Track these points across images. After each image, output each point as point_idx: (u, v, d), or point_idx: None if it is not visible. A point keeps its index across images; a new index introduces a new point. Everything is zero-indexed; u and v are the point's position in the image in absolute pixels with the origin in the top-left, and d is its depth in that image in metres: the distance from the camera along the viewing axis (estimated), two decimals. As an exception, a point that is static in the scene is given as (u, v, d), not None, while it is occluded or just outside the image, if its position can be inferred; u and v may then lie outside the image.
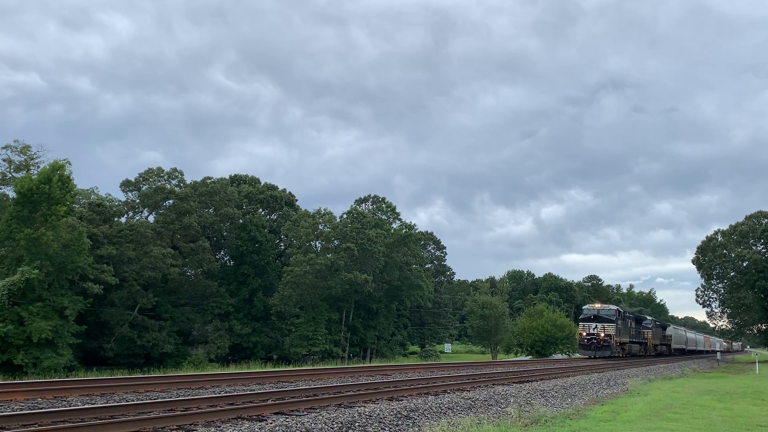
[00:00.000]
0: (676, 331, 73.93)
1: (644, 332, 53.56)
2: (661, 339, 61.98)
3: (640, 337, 51.25)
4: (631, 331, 46.90)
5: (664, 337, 63.60)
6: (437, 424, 9.06)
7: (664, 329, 65.00)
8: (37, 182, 39.81)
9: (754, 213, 63.30)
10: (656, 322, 63.06)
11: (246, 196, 65.17)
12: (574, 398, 14.58)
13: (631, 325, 47.96)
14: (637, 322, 51.18)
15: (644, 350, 52.85)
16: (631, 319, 48.45)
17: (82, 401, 10.60)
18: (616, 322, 41.67)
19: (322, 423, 8.71)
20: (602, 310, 42.74)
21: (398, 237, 63.07)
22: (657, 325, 61.74)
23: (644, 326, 54.55)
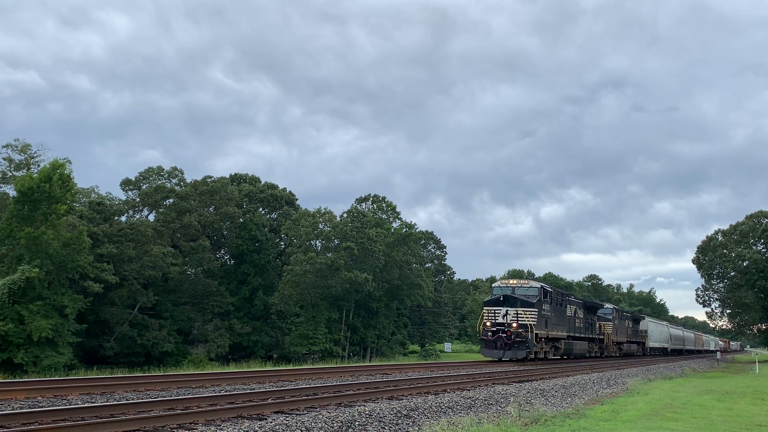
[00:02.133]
0: (656, 326, 62.29)
1: (600, 325, 41.83)
2: (631, 335, 51.02)
3: (591, 332, 39.22)
4: (573, 323, 35.16)
5: (636, 332, 53.14)
6: (437, 423, 9.07)
7: (636, 322, 54.08)
8: (38, 181, 39.82)
9: (755, 213, 63.32)
10: (623, 312, 50.72)
11: (246, 195, 65.19)
12: (574, 397, 14.59)
13: (576, 314, 35.95)
14: (588, 311, 39.22)
15: (599, 350, 41.13)
16: (576, 305, 36.58)
17: (82, 400, 10.61)
18: (538, 306, 28.61)
19: (322, 422, 8.72)
20: (519, 288, 29.55)
21: (398, 236, 63.06)
22: (624, 317, 49.72)
23: (601, 317, 42.47)
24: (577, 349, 36.08)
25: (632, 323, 52.62)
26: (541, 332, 28.99)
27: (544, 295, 30.09)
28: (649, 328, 58.14)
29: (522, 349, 27.57)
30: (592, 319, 40.03)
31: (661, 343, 62.79)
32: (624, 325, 48.75)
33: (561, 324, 32.67)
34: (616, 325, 45.54)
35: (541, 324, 29.04)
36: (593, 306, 41.87)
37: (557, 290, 34.32)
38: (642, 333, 55.37)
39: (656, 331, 61.17)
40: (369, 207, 70.15)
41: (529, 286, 29.95)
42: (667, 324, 72.61)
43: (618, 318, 46.49)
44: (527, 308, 28.19)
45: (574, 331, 35.23)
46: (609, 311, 44.75)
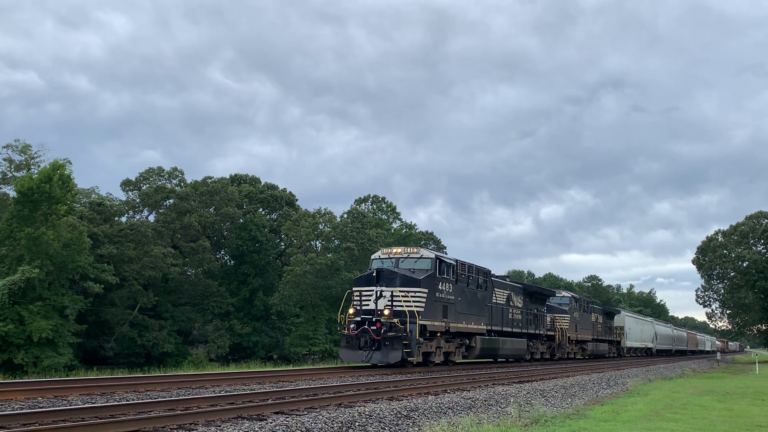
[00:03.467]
0: (635, 322, 53.86)
1: (553, 319, 33.05)
2: (602, 332, 42.62)
3: (537, 326, 30.51)
4: (503, 313, 26.59)
5: (608, 329, 45.00)
6: (437, 423, 9.07)
7: (608, 317, 45.89)
8: (38, 181, 39.83)
9: (755, 213, 63.29)
10: (589, 304, 41.67)
11: (246, 195, 65.22)
12: (574, 398, 14.59)
13: (509, 302, 27.63)
14: (531, 299, 30.59)
15: (548, 349, 32.76)
16: (508, 290, 27.96)
17: (82, 401, 10.61)
18: (429, 285, 20.53)
19: (322, 422, 8.72)
20: (404, 259, 21.36)
21: (399, 237, 63.09)
22: (590, 309, 40.42)
23: (554, 308, 33.91)
24: (509, 348, 26.87)
25: (603, 318, 44.14)
26: (433, 323, 20.54)
27: (442, 270, 21.32)
28: (627, 324, 50.06)
29: (396, 348, 18.97)
30: (538, 310, 31.27)
31: (644, 343, 55.45)
32: (589, 319, 39.59)
33: (477, 314, 23.99)
34: (577, 319, 36.35)
35: (433, 311, 20.58)
36: (539, 293, 32.52)
37: (470, 266, 24.25)
38: (617, 330, 47.72)
39: (636, 329, 53.41)
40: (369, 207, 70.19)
41: (419, 257, 21.15)
42: (652, 320, 64.90)
43: (579, 310, 37.34)
44: (409, 288, 19.64)
45: (503, 324, 26.36)
46: (566, 300, 35.67)
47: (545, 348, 32.63)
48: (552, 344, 33.19)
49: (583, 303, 39.59)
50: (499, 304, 26.85)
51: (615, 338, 47.45)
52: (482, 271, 25.65)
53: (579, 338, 37.30)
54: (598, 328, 42.39)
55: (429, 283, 20.66)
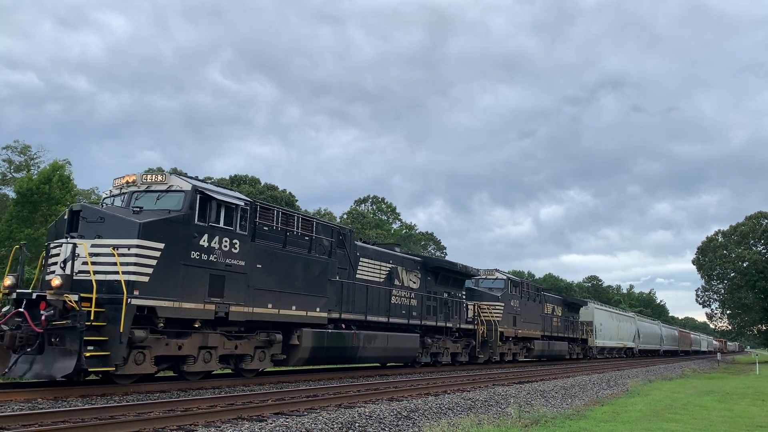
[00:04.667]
0: (608, 316, 45.61)
1: (475, 308, 25.78)
2: (561, 327, 35.48)
3: (447, 316, 23.11)
4: (389, 298, 19.86)
5: (571, 324, 37.59)
6: (437, 424, 9.06)
7: (571, 309, 38.46)
8: (37, 182, 39.82)
9: (755, 213, 63.29)
10: (538, 289, 33.54)
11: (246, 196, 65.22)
12: (574, 399, 14.58)
13: (398, 281, 20.58)
14: (437, 278, 23.02)
15: (466, 348, 24.99)
16: (404, 264, 21.27)
17: (82, 401, 10.60)
18: (171, 234, 12.15)
19: (322, 423, 8.71)
20: (146, 189, 12.98)
21: (399, 237, 63.11)
22: (540, 298, 32.90)
23: (480, 293, 26.97)
24: (393, 347, 19.28)
25: (563, 310, 36.81)
26: (155, 303, 11.81)
27: (204, 208, 13.03)
28: (597, 319, 42.13)
29: (66, 358, 10.49)
30: (451, 295, 23.52)
31: (621, 342, 47.66)
32: (538, 310, 32.10)
33: (299, 292, 15.50)
34: (516, 310, 28.77)
35: (174, 281, 12.18)
36: (450, 270, 23.88)
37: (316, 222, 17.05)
38: (584, 326, 40.14)
39: (611, 325, 45.28)
40: (369, 208, 70.23)
41: (167, 187, 13.01)
42: (634, 315, 57.65)
43: (521, 298, 29.59)
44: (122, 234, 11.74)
45: (381, 313, 18.97)
46: (499, 284, 27.88)
47: (460, 347, 24.61)
48: (471, 342, 25.20)
49: (528, 289, 31.62)
50: (368, 281, 18.81)
51: (581, 335, 39.44)
52: (334, 229, 17.87)
53: (521, 334, 29.26)
54: (555, 322, 34.70)
55: (170, 231, 12.15)
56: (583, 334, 40.46)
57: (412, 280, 21.81)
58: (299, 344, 15.73)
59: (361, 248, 19.55)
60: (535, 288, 33.23)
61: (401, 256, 21.96)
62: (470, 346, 25.53)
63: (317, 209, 63.14)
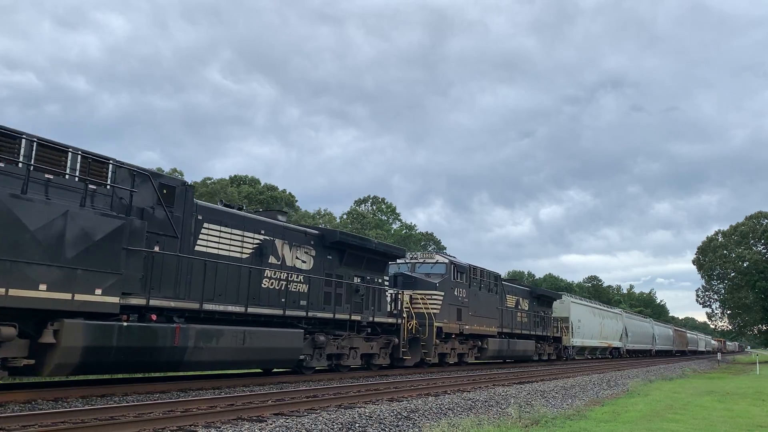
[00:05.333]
0: (588, 312, 40.13)
1: (398, 296, 20.81)
2: (527, 323, 30.86)
3: (359, 306, 18.53)
4: (268, 281, 15.27)
5: (540, 320, 32.84)
6: (437, 424, 9.06)
7: (541, 303, 33.82)
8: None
9: (755, 213, 63.35)
10: (496, 277, 28.21)
11: (246, 196, 65.24)
12: (575, 399, 14.58)
13: (295, 259, 16.42)
14: (354, 261, 18.59)
15: (386, 346, 20.03)
16: (298, 241, 16.75)
17: (81, 402, 10.60)
18: None
19: (323, 424, 8.71)
20: None
21: (398, 237, 63.12)
22: (498, 288, 28.04)
23: (413, 279, 22.54)
24: (256, 347, 14.20)
25: (531, 304, 32.02)
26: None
27: None
28: (574, 314, 36.86)
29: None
30: (366, 280, 18.72)
31: (605, 341, 42.73)
32: (493, 302, 26.96)
33: (90, 265, 10.46)
34: (462, 301, 23.80)
35: None
36: (364, 250, 18.78)
37: None
38: (557, 323, 35.16)
39: (591, 322, 39.92)
40: (368, 208, 70.26)
41: None
42: (621, 312, 52.58)
43: (469, 286, 24.49)
44: None
45: (238, 301, 14.23)
46: (439, 269, 23.03)
47: (376, 346, 19.27)
48: (393, 340, 19.97)
49: (482, 277, 26.12)
50: (215, 255, 13.86)
51: (552, 333, 34.55)
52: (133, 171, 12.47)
53: (469, 331, 24.39)
54: (521, 317, 30.25)
55: None
56: (557, 332, 35.44)
57: (300, 258, 16.52)
58: (57, 343, 10.17)
59: (209, 210, 14.15)
60: (493, 277, 27.94)
61: (282, 225, 16.37)
62: (391, 346, 20.23)
63: (317, 209, 63.22)
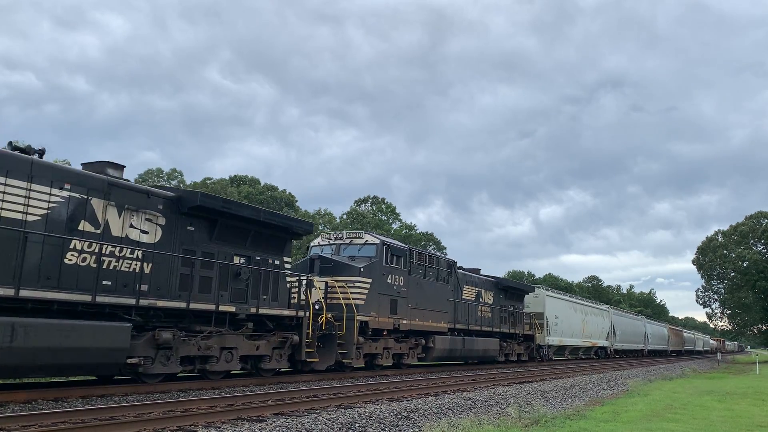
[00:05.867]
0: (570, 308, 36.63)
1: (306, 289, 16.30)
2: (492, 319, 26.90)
3: (240, 297, 14.34)
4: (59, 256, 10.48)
5: (509, 316, 28.86)
6: (437, 424, 9.06)
7: (511, 297, 29.67)
8: (37, 183, 39.90)
9: (755, 213, 63.36)
10: (450, 264, 24.18)
11: (246, 196, 65.26)
12: (575, 399, 14.58)
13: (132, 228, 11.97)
14: (208, 227, 13.57)
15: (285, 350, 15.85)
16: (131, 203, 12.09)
17: (81, 402, 10.61)
18: None
19: (323, 424, 8.71)
20: None
21: (398, 237, 63.11)
22: (452, 276, 23.88)
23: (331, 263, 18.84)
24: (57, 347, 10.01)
25: (495, 296, 27.82)
26: None
27: None
28: (550, 309, 33.03)
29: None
30: (260, 262, 15.15)
31: (588, 340, 38.86)
32: (443, 294, 22.74)
33: None
34: (398, 290, 19.92)
35: None
36: (248, 221, 14.57)
37: None
38: (531, 319, 31.26)
39: (572, 319, 36.00)
40: (368, 208, 70.24)
41: None
42: (608, 309, 48.03)
43: (407, 273, 20.53)
44: None
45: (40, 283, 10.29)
46: (368, 252, 19.33)
47: (265, 346, 15.21)
48: (289, 338, 15.75)
49: (427, 263, 22.00)
50: None
51: (523, 331, 30.08)
52: None
53: (408, 326, 20.17)
54: (483, 312, 25.96)
55: None
56: (529, 329, 31.21)
57: (137, 226, 12.44)
58: None
59: None
60: (446, 264, 23.60)
61: (106, 180, 12.04)
62: (288, 345, 15.76)
63: (317, 209, 63.25)
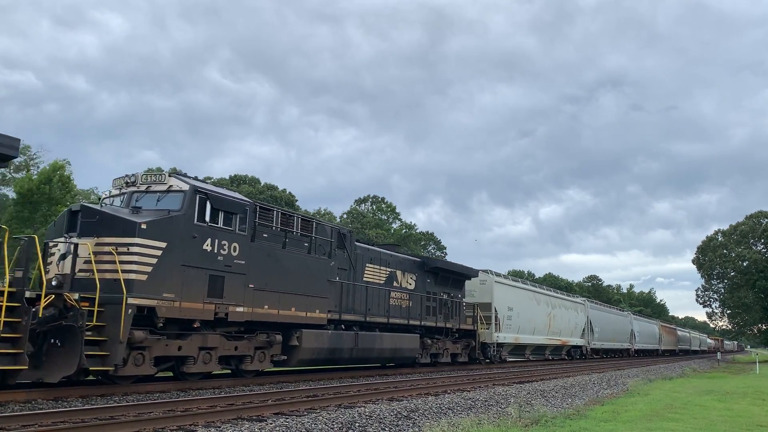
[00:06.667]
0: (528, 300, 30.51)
1: None
2: (406, 309, 20.68)
3: None
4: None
5: (438, 306, 22.62)
6: (437, 424, 9.06)
7: (442, 282, 23.38)
8: (38, 183, 39.83)
9: (755, 213, 63.37)
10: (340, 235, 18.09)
11: (246, 196, 65.30)
12: (575, 398, 14.59)
13: None
14: None
15: None
16: None
17: (81, 402, 10.60)
18: None
19: (323, 423, 8.71)
20: None
21: (398, 237, 63.10)
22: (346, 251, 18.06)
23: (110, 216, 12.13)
24: None
25: (420, 280, 21.85)
26: None
27: None
28: (500, 300, 27.11)
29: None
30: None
31: (557, 338, 32.96)
32: (320, 269, 16.79)
33: None
34: (226, 260, 13.70)
35: None
36: None
37: None
38: (473, 311, 25.40)
39: (532, 312, 30.09)
40: (368, 208, 70.26)
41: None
42: (584, 302, 41.02)
43: (242, 236, 14.67)
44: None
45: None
46: (173, 202, 13.03)
47: None
48: None
49: (297, 229, 16.84)
50: None
51: (459, 325, 23.81)
52: None
53: (246, 316, 14.38)
54: (396, 299, 20.27)
55: None
56: (466, 322, 24.76)
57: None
58: None
59: None
60: (332, 233, 17.62)
61: None
62: None
63: (317, 209, 63.22)
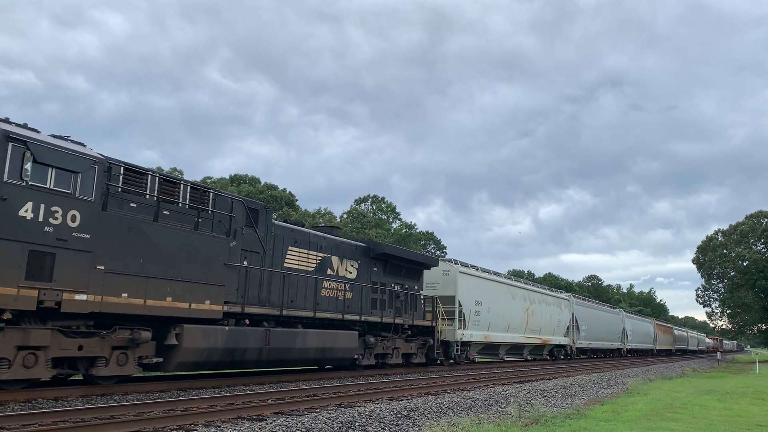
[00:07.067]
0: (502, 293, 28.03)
1: None
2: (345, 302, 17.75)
3: None
4: None
5: (387, 298, 19.92)
6: (437, 423, 9.07)
7: (394, 271, 20.40)
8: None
9: (755, 213, 63.39)
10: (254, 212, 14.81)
11: (246, 195, 65.24)
12: (575, 398, 14.59)
13: None
14: None
15: None
16: None
17: (81, 401, 10.60)
18: None
19: (323, 423, 8.71)
20: None
21: (398, 237, 63.10)
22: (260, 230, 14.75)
23: None
24: None
25: (362, 267, 19.13)
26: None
27: None
28: (466, 293, 24.51)
29: None
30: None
31: (535, 336, 30.89)
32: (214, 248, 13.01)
33: None
34: (65, 231, 10.04)
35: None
36: None
37: None
38: (432, 305, 22.69)
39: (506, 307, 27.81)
40: (368, 207, 70.26)
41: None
42: (569, 297, 38.31)
43: (75, 200, 10.30)
44: None
45: None
46: None
47: None
48: None
49: (184, 196, 13.11)
50: None
51: (413, 321, 21.01)
52: None
53: (89, 305, 10.43)
54: (334, 290, 17.71)
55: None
56: (423, 318, 22.11)
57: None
58: None
59: None
60: (231, 205, 14.30)
61: None
62: None
63: (317, 209, 63.21)
